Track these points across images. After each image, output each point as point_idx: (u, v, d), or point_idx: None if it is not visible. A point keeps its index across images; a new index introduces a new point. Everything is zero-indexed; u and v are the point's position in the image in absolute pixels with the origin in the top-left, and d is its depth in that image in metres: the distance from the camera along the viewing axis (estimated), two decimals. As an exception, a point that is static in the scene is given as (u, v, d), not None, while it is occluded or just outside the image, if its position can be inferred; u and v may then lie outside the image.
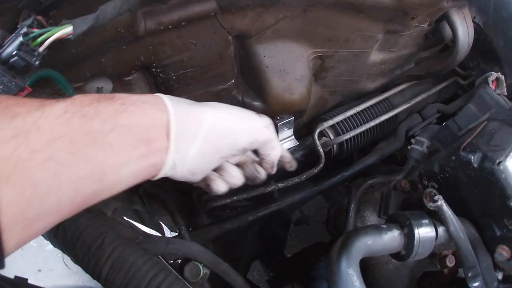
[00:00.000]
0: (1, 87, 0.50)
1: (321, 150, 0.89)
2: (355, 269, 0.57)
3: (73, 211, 0.41)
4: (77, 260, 0.57)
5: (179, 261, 0.66)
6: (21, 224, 0.36)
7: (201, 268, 0.63)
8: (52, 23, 0.55)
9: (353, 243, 0.59)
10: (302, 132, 1.02)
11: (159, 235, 0.88)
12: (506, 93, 0.87)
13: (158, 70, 0.74)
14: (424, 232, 0.61)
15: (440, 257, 0.70)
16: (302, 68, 0.85)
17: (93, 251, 0.55)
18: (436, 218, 0.63)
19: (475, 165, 0.65)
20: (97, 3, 0.54)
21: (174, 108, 0.48)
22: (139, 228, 0.69)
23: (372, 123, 0.95)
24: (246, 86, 0.87)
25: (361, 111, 0.97)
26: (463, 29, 0.86)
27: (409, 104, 0.99)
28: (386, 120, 0.98)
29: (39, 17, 0.54)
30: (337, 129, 0.94)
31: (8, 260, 0.37)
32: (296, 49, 0.82)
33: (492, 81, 0.86)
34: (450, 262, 0.68)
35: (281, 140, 0.92)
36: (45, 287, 0.61)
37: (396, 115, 1.00)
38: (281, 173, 0.91)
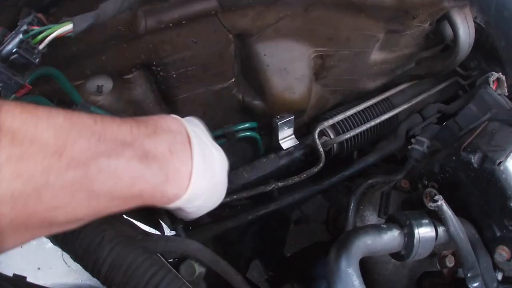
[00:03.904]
0: (1, 84, 0.50)
1: (321, 149, 0.89)
2: (355, 269, 0.57)
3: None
4: (76, 258, 0.57)
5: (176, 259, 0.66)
6: None
7: (196, 267, 0.63)
8: (52, 20, 0.55)
9: (352, 243, 0.59)
10: (303, 131, 1.02)
11: (159, 233, 0.88)
12: (506, 94, 0.86)
13: (159, 69, 0.74)
14: (424, 232, 0.61)
15: (440, 257, 0.70)
16: (302, 67, 0.84)
17: (92, 249, 0.55)
18: (436, 218, 0.63)
19: (476, 165, 0.65)
20: (98, 1, 0.54)
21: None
22: (139, 226, 0.68)
23: (373, 123, 0.95)
24: (246, 85, 0.86)
25: (362, 110, 0.97)
26: (464, 29, 0.86)
27: (409, 104, 0.99)
28: (387, 119, 0.98)
29: (40, 15, 0.54)
30: (338, 129, 0.94)
31: (7, 258, 0.37)
32: (297, 48, 0.82)
33: (493, 82, 0.85)
34: (450, 262, 0.68)
35: (281, 139, 0.92)
36: (44, 285, 0.61)
37: (396, 115, 1.00)
38: (281, 172, 0.91)
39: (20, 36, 0.50)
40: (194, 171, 0.52)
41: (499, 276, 0.65)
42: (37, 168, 0.37)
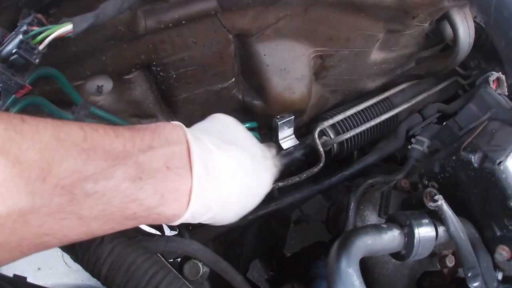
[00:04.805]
0: (1, 85, 0.50)
1: (321, 149, 0.89)
2: (355, 269, 0.56)
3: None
4: (76, 258, 0.57)
5: (179, 259, 0.66)
6: None
7: (200, 266, 0.63)
8: (52, 21, 0.55)
9: (353, 243, 0.59)
10: (302, 131, 1.02)
11: (159, 233, 0.88)
12: (506, 93, 0.86)
13: (159, 69, 0.74)
14: (424, 232, 0.61)
15: (440, 257, 0.70)
16: (302, 67, 0.84)
17: (92, 250, 0.55)
18: (436, 218, 0.63)
19: (476, 165, 0.65)
20: (97, 2, 0.54)
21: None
22: (139, 227, 0.68)
23: (373, 123, 0.95)
24: (246, 85, 0.86)
25: (362, 110, 0.97)
26: (464, 28, 0.86)
27: (409, 104, 0.99)
28: (387, 119, 0.98)
29: (39, 15, 0.54)
30: (338, 128, 0.94)
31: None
32: (297, 48, 0.82)
33: (493, 81, 0.85)
34: (450, 262, 0.68)
35: (281, 139, 0.92)
36: (45, 286, 0.61)
37: (396, 115, 1.00)
38: (281, 172, 0.91)
39: (20, 36, 0.50)
40: (194, 187, 0.47)
41: (500, 276, 0.64)
42: (21, 193, 0.35)
